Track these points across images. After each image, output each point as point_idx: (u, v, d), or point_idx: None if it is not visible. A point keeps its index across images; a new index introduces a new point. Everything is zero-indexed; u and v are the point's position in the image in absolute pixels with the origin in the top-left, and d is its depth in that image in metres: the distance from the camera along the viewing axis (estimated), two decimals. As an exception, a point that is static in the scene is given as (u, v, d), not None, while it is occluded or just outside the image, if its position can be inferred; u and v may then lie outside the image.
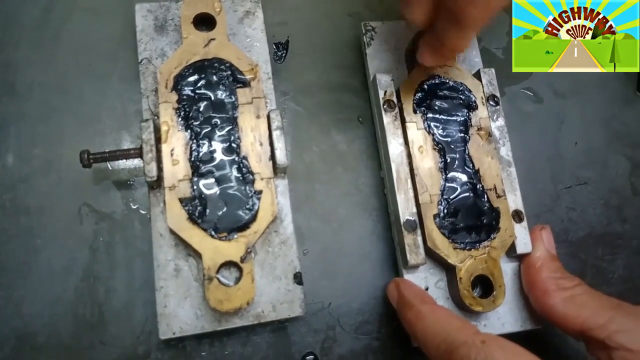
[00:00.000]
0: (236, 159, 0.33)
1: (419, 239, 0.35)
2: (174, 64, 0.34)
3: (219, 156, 0.33)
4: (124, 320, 0.34)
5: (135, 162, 0.37)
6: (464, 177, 0.36)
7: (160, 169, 0.33)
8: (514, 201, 0.37)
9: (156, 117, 0.34)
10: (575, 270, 0.38)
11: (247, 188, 0.33)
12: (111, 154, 0.33)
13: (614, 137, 0.45)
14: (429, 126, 0.37)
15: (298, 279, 0.33)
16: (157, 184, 0.33)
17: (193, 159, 0.33)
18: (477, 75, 0.39)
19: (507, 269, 0.37)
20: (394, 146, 0.37)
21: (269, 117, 0.34)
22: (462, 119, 0.38)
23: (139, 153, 0.33)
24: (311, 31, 0.42)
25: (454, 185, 0.36)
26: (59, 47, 0.38)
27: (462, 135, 0.37)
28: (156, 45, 0.37)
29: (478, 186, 0.36)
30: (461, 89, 0.38)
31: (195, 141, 0.33)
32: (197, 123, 0.33)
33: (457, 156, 0.37)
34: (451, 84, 0.38)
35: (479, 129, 0.38)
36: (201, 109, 0.34)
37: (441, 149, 0.37)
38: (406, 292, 0.34)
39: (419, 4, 0.31)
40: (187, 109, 0.34)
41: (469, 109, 0.38)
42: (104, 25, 0.39)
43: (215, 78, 0.34)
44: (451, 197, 0.36)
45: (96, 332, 0.34)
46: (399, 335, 0.36)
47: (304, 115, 0.40)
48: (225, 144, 0.33)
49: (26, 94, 0.37)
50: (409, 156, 0.36)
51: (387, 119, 0.37)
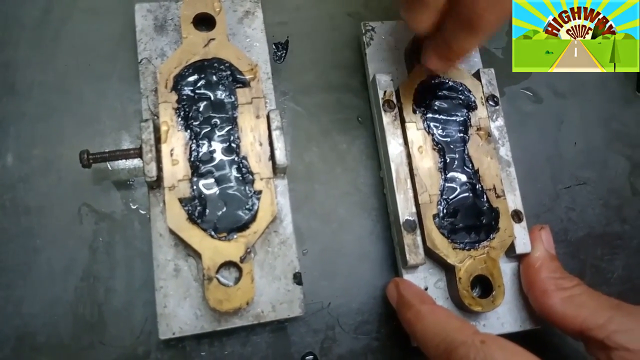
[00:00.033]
0: (236, 159, 0.33)
1: (419, 239, 0.35)
2: (173, 64, 0.34)
3: (219, 156, 0.33)
4: (123, 320, 0.34)
5: (135, 162, 0.37)
6: (464, 177, 0.36)
7: (159, 169, 0.33)
8: (513, 201, 0.37)
9: (156, 117, 0.34)
10: (574, 270, 0.38)
11: (247, 188, 0.33)
12: (111, 154, 0.33)
13: (613, 137, 0.45)
14: (429, 126, 0.37)
15: (297, 279, 0.33)
16: (156, 184, 0.33)
17: (193, 159, 0.33)
18: (477, 75, 0.39)
19: (507, 269, 0.37)
20: (394, 146, 0.37)
21: (268, 117, 0.34)
22: (462, 119, 0.38)
23: (138, 153, 0.33)
24: (311, 31, 0.42)
25: (453, 185, 0.36)
26: (58, 47, 0.38)
27: (462, 135, 0.37)
28: (156, 45, 0.37)
29: (477, 186, 0.36)
30: (461, 89, 0.38)
31: (194, 141, 0.33)
32: (197, 123, 0.33)
33: (457, 156, 0.37)
34: (451, 84, 0.38)
35: (478, 129, 0.38)
36: (201, 109, 0.34)
37: (441, 149, 0.37)
38: (405, 292, 0.34)
39: (424, 10, 0.30)
40: (187, 109, 0.34)
41: (468, 109, 0.38)
42: (103, 25, 0.39)
43: (214, 78, 0.34)
44: (450, 197, 0.36)
45: (96, 332, 0.34)
46: (398, 335, 0.37)
47: (303, 115, 0.40)
48: (224, 144, 0.33)
49: (26, 94, 0.37)
50: (409, 156, 0.36)
51: (386, 119, 0.37)
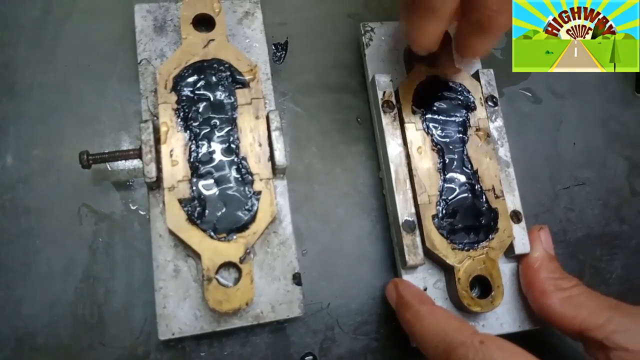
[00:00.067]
0: (235, 159, 0.33)
1: (418, 239, 0.35)
2: (173, 64, 0.34)
3: (218, 157, 0.33)
4: (123, 320, 0.34)
5: (134, 163, 0.37)
6: (463, 178, 0.36)
7: (159, 169, 0.33)
8: (512, 202, 0.37)
9: (155, 118, 0.34)
10: (573, 271, 0.38)
11: (246, 189, 0.33)
12: (110, 154, 0.33)
13: (612, 138, 0.45)
14: (428, 127, 0.37)
15: (297, 279, 0.34)
16: (156, 184, 0.33)
17: (192, 159, 0.33)
18: (476, 76, 0.39)
19: (506, 269, 0.37)
20: (393, 147, 0.37)
21: (268, 117, 0.34)
22: (461, 119, 0.38)
23: (138, 154, 0.33)
24: (310, 32, 0.42)
25: (452, 185, 0.36)
26: (58, 47, 0.38)
27: (461, 135, 0.37)
28: (155, 45, 0.37)
29: (476, 187, 0.36)
30: (460, 89, 0.38)
31: (194, 142, 0.33)
32: (197, 124, 0.33)
33: (456, 157, 0.37)
34: (450, 84, 0.38)
35: (477, 129, 0.38)
36: (200, 109, 0.34)
37: (440, 149, 0.37)
38: (405, 292, 0.34)
39: (432, 18, 0.29)
40: (187, 110, 0.34)
41: (467, 109, 0.38)
42: (103, 25, 0.39)
43: (214, 79, 0.34)
44: (450, 198, 0.36)
45: (95, 333, 0.34)
46: (397, 336, 0.37)
47: (303, 115, 0.40)
48: (224, 145, 0.33)
49: (26, 94, 0.37)
50: (408, 157, 0.36)
51: (385, 119, 0.37)
